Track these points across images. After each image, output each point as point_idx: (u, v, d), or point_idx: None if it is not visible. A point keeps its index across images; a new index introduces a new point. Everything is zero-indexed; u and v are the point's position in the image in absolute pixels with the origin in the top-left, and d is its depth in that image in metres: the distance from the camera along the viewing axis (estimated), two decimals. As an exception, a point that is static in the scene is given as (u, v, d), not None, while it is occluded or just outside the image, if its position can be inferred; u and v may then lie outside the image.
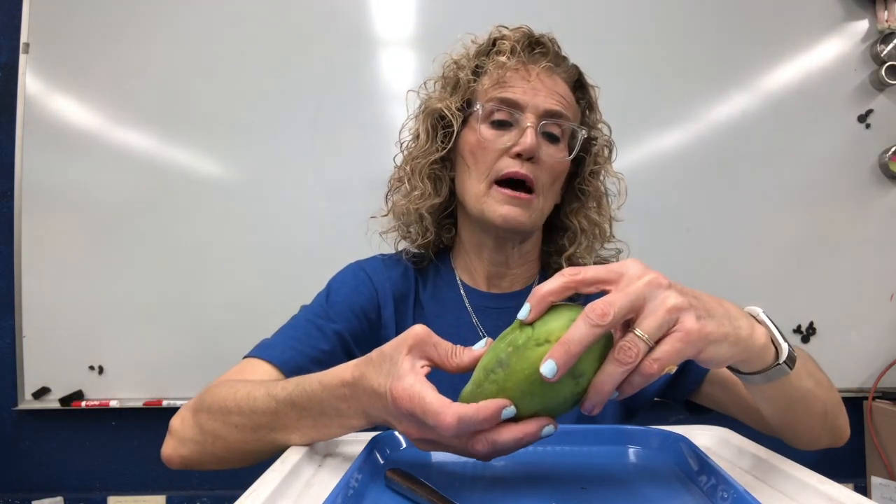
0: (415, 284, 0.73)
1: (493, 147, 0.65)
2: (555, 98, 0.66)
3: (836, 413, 0.54)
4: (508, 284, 0.73)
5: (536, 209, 0.66)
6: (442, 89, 0.71)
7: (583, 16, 1.40)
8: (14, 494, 1.38)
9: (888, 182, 1.39)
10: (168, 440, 0.57)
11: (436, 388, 0.36)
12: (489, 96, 0.66)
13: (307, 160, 1.37)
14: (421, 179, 0.70)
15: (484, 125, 0.66)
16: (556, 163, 0.66)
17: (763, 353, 0.40)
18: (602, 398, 0.35)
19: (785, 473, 0.39)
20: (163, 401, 1.33)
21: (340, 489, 0.35)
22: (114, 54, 1.36)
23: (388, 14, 1.39)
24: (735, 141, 1.39)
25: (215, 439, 0.52)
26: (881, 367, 1.37)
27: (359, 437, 0.49)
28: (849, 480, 1.36)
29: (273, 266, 1.36)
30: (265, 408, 0.48)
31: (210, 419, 0.53)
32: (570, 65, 0.71)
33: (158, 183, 1.36)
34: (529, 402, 0.35)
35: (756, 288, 1.37)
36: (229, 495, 1.36)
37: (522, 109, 0.65)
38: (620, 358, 0.34)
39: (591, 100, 0.73)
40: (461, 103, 0.68)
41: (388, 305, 0.70)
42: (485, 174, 0.65)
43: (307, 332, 0.65)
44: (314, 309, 0.70)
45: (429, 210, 0.70)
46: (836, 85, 1.39)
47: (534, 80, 0.65)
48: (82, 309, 1.34)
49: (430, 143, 0.69)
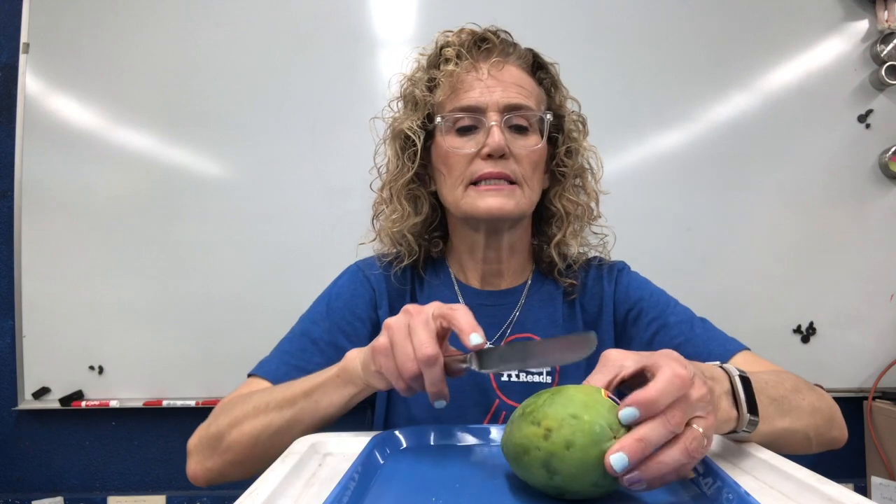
0: (411, 284, 0.74)
1: (463, 153, 0.65)
2: (512, 90, 0.65)
3: (825, 430, 0.55)
4: (503, 282, 0.73)
5: (521, 196, 0.66)
6: (404, 109, 0.72)
7: (582, 16, 1.40)
8: (14, 494, 1.38)
9: (888, 182, 1.39)
10: (189, 461, 0.59)
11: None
12: (447, 108, 0.66)
13: (307, 160, 1.37)
14: (399, 201, 0.71)
15: (449, 135, 0.67)
16: (530, 152, 0.66)
17: (725, 426, 0.43)
18: (649, 477, 0.33)
19: (785, 474, 0.39)
20: (163, 401, 1.33)
21: (341, 488, 0.35)
22: (114, 54, 1.36)
23: (388, 14, 1.39)
24: (735, 141, 1.39)
25: (232, 444, 0.55)
26: (881, 367, 1.37)
27: (359, 436, 0.49)
28: (849, 480, 1.36)
29: (273, 266, 1.36)
30: (279, 398, 0.53)
31: (226, 427, 0.56)
32: (522, 51, 0.70)
33: (158, 183, 1.36)
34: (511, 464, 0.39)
35: (756, 288, 1.37)
36: (229, 495, 1.36)
37: (483, 111, 0.65)
38: (692, 449, 0.34)
39: (554, 78, 0.72)
40: (422, 120, 0.68)
41: (384, 305, 0.70)
42: (460, 180, 0.66)
43: (302, 346, 0.67)
44: (312, 318, 0.70)
45: (411, 230, 0.71)
46: (836, 85, 1.39)
47: (486, 78, 0.65)
48: (82, 309, 1.34)
49: (401, 164, 0.70)
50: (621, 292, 0.72)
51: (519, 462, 0.37)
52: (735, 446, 0.46)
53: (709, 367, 0.44)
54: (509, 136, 0.65)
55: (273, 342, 0.71)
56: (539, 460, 0.35)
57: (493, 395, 0.67)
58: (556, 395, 0.37)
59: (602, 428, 0.34)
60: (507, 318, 0.71)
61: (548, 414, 0.35)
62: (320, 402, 0.52)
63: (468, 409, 0.66)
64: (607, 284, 0.73)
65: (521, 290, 0.73)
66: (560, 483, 0.34)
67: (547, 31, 0.72)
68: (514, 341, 0.69)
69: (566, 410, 0.35)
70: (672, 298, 0.72)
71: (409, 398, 0.62)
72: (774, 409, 0.48)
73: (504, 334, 0.70)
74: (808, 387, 0.56)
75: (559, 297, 0.73)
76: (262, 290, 1.35)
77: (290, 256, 1.36)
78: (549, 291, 0.73)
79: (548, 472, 0.34)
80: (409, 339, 0.44)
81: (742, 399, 0.43)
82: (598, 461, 0.33)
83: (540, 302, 0.72)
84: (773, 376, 0.54)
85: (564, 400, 0.36)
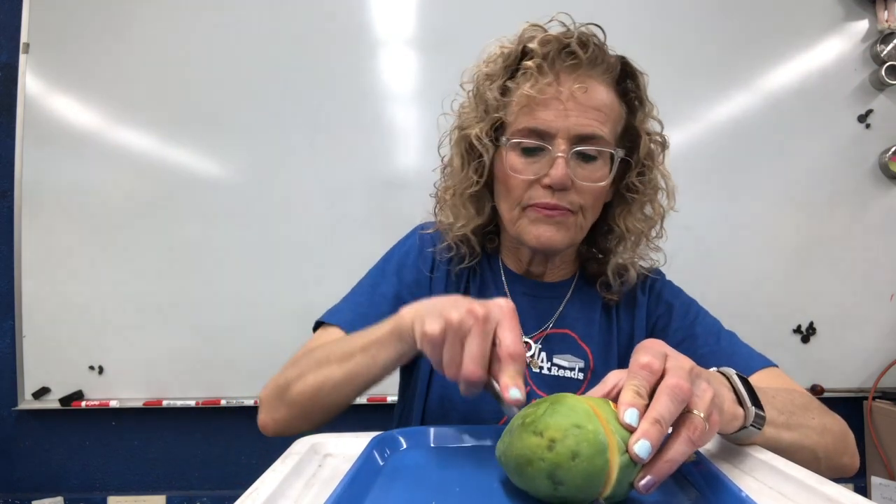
0: (466, 280, 0.74)
1: (523, 177, 0.62)
2: (588, 116, 0.60)
3: (835, 453, 0.53)
4: (547, 276, 0.73)
5: (575, 226, 0.64)
6: (474, 108, 0.67)
7: (582, 16, 1.39)
8: (14, 494, 1.38)
9: (888, 182, 1.39)
10: (260, 412, 0.61)
11: None
12: (516, 125, 0.62)
13: (307, 160, 1.37)
14: (464, 206, 0.69)
15: (513, 153, 0.63)
16: (594, 185, 0.63)
17: (732, 424, 0.43)
18: (662, 477, 0.34)
19: (785, 474, 0.39)
20: (163, 401, 1.34)
21: (341, 489, 0.35)
22: (114, 54, 1.36)
23: (388, 14, 1.39)
24: (735, 141, 1.39)
25: (297, 396, 0.56)
26: (881, 367, 1.37)
27: (359, 436, 0.49)
28: (849, 480, 1.36)
29: (273, 266, 1.36)
30: (339, 352, 0.54)
31: (293, 379, 0.57)
32: (611, 62, 0.64)
33: (158, 183, 1.36)
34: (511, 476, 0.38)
35: (756, 288, 1.38)
36: (229, 495, 1.36)
37: (553, 136, 0.60)
38: (695, 438, 0.35)
39: (641, 91, 0.66)
40: (490, 130, 0.65)
41: (440, 282, 0.72)
42: (516, 202, 0.64)
43: (371, 299, 0.69)
44: (381, 272, 0.73)
45: (473, 231, 0.70)
46: (836, 85, 1.40)
47: (565, 99, 0.60)
48: (82, 309, 1.34)
49: (465, 171, 0.68)
50: (653, 301, 0.72)
51: (522, 473, 0.36)
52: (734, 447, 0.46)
53: (707, 371, 0.44)
54: (574, 164, 0.61)
55: (273, 342, 0.71)
56: (543, 471, 0.34)
57: (525, 382, 0.67)
58: (557, 405, 0.36)
59: (606, 437, 0.34)
60: (552, 313, 0.71)
61: (550, 424, 0.35)
62: (377, 357, 0.52)
63: None
64: (641, 293, 0.73)
65: (566, 285, 0.73)
66: (565, 493, 0.34)
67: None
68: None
69: (569, 420, 0.34)
70: (702, 309, 0.71)
71: None
72: (782, 420, 0.47)
73: (546, 328, 0.70)
74: (821, 409, 0.55)
75: (599, 303, 0.73)
76: (262, 290, 1.35)
77: (290, 256, 1.36)
78: (591, 295, 0.73)
79: (553, 483, 0.34)
80: (461, 345, 0.43)
81: (744, 395, 0.44)
82: (604, 470, 0.33)
83: (581, 303, 0.72)
84: (784, 392, 0.53)
85: (566, 410, 0.35)
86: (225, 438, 1.41)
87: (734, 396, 0.44)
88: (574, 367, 0.68)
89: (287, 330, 1.30)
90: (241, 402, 1.34)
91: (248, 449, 1.42)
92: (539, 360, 0.68)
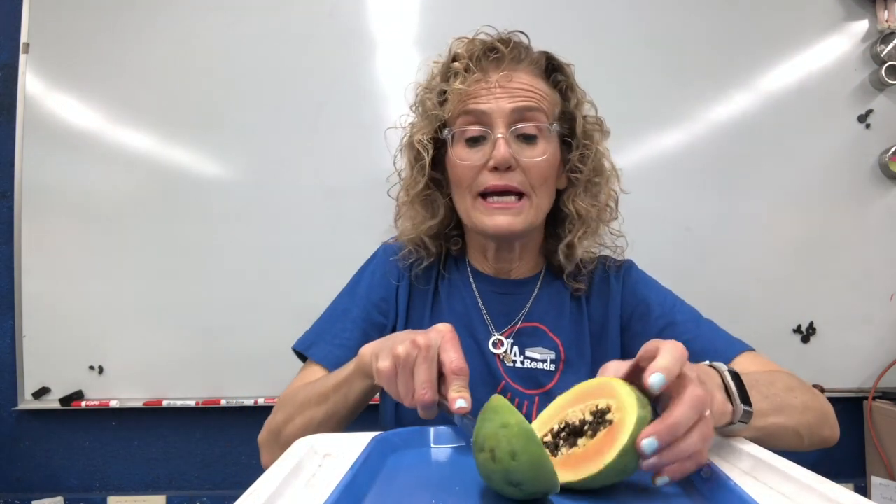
0: (434, 283, 0.76)
1: (470, 165, 0.66)
2: (518, 94, 0.65)
3: (817, 428, 0.56)
4: (514, 273, 0.75)
5: (529, 210, 0.67)
6: (419, 118, 0.73)
7: (582, 16, 1.40)
8: (14, 494, 1.38)
9: (888, 182, 1.39)
10: (262, 454, 0.65)
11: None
12: (456, 120, 0.67)
13: (307, 160, 1.37)
14: (415, 207, 0.73)
15: (458, 146, 0.67)
16: (538, 162, 0.66)
17: (721, 419, 0.45)
18: (668, 461, 0.36)
19: (784, 474, 0.39)
20: (163, 401, 1.33)
21: (341, 489, 0.35)
22: (114, 54, 1.36)
23: (388, 14, 1.39)
24: (735, 141, 1.39)
25: (289, 437, 0.59)
26: (881, 367, 1.37)
27: (359, 437, 0.49)
28: (849, 480, 1.36)
29: (272, 266, 1.36)
30: (317, 394, 0.59)
31: (282, 422, 0.62)
32: (535, 55, 0.69)
33: (158, 183, 1.36)
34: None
35: (756, 288, 1.37)
36: (229, 495, 1.36)
37: (490, 120, 0.65)
38: (698, 406, 0.36)
39: (570, 79, 0.71)
40: (434, 131, 0.69)
41: (403, 300, 0.74)
42: (468, 191, 0.68)
43: (344, 325, 0.72)
44: (351, 297, 0.75)
45: (427, 233, 0.73)
46: (836, 85, 1.40)
47: (494, 88, 0.65)
48: (82, 309, 1.34)
49: (414, 174, 0.72)
50: (629, 290, 0.74)
51: (496, 489, 0.36)
52: (735, 447, 0.46)
53: (698, 366, 0.46)
54: (517, 146, 0.65)
55: (273, 342, 0.72)
56: (502, 481, 0.34)
57: (500, 376, 0.70)
58: (486, 412, 0.37)
59: (528, 425, 0.34)
60: (520, 309, 0.73)
61: (485, 435, 0.35)
62: (349, 396, 0.57)
63: (477, 386, 0.66)
64: (615, 282, 0.74)
65: (533, 281, 0.75)
66: (531, 490, 0.34)
67: (547, 31, 0.71)
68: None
69: (496, 424, 0.35)
70: (678, 298, 0.74)
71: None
72: (766, 406, 0.50)
73: (516, 324, 0.72)
74: (802, 386, 0.58)
75: (567, 295, 0.74)
76: (262, 290, 1.35)
77: (290, 256, 1.36)
78: (558, 288, 0.75)
79: (515, 487, 0.34)
80: (411, 375, 0.47)
81: (734, 391, 0.45)
82: (544, 455, 0.33)
83: (549, 296, 0.74)
84: (766, 376, 0.55)
85: (492, 414, 0.36)
86: (225, 438, 1.41)
87: (724, 396, 0.45)
88: (546, 359, 0.70)
89: (287, 330, 1.28)
90: (241, 402, 1.34)
91: (248, 449, 1.41)
92: (512, 354, 0.71)
